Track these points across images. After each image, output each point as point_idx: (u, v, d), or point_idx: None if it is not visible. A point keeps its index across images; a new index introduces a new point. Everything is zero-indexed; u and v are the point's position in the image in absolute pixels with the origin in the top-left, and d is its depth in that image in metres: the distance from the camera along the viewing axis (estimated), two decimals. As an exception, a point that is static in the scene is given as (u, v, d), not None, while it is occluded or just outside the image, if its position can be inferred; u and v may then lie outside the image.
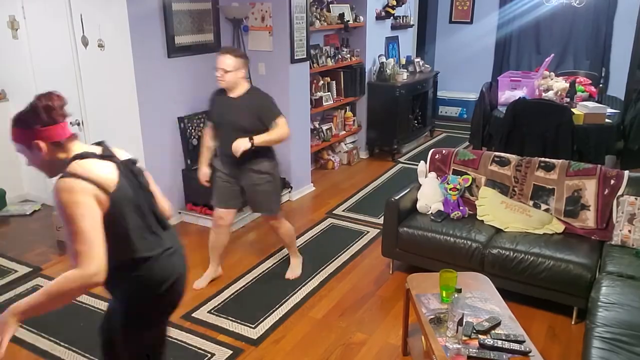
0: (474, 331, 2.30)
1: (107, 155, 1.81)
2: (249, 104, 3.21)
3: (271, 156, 3.40)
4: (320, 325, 3.20)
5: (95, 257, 1.62)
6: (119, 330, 1.94)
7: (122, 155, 1.91)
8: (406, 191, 3.79)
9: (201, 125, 4.63)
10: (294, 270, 3.75)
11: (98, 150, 1.84)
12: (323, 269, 3.83)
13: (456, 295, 2.33)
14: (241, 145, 3.13)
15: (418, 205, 3.78)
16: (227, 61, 3.12)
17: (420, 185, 3.88)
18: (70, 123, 4.39)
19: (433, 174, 3.90)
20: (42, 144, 1.73)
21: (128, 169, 1.85)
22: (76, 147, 1.80)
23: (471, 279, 2.76)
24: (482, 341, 2.24)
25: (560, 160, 3.61)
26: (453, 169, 3.87)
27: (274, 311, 3.32)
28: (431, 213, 3.68)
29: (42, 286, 3.56)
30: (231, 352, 2.93)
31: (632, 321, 2.45)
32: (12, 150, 1.91)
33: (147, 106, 4.14)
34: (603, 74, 7.04)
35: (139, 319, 1.93)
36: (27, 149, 1.75)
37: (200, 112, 4.62)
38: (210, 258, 3.64)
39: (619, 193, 3.34)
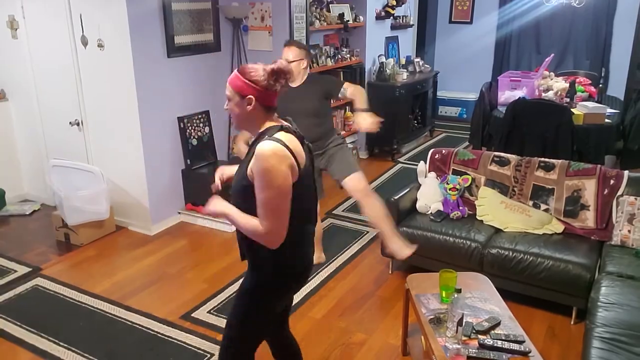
0: (474, 331, 2.30)
1: (298, 134, 1.92)
2: (313, 88, 3.42)
3: (337, 134, 3.64)
4: (320, 325, 3.20)
5: (280, 230, 1.77)
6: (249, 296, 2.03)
7: None
8: (406, 191, 3.79)
9: (201, 125, 4.63)
10: (402, 246, 3.33)
11: (286, 124, 1.95)
12: (323, 269, 3.83)
13: (456, 295, 2.33)
14: (369, 123, 3.38)
15: (418, 205, 3.78)
16: (292, 52, 3.34)
17: (420, 185, 3.88)
18: (70, 123, 4.41)
19: (433, 174, 3.90)
20: (253, 101, 1.84)
21: (309, 150, 1.98)
22: (272, 120, 1.91)
23: (471, 279, 2.76)
24: (481, 341, 2.23)
25: (560, 160, 3.61)
26: (453, 169, 3.87)
27: (273, 311, 3.32)
28: (431, 213, 3.68)
29: (42, 286, 3.59)
30: (231, 352, 2.93)
31: (632, 321, 2.45)
32: (12, 150, 1.92)
33: (147, 106, 4.14)
34: (603, 74, 7.04)
35: (271, 294, 2.01)
36: (239, 97, 1.85)
37: (200, 111, 4.62)
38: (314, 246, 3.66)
39: (619, 193, 3.34)
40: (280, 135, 1.82)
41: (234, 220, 1.86)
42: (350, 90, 3.50)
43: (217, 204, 1.94)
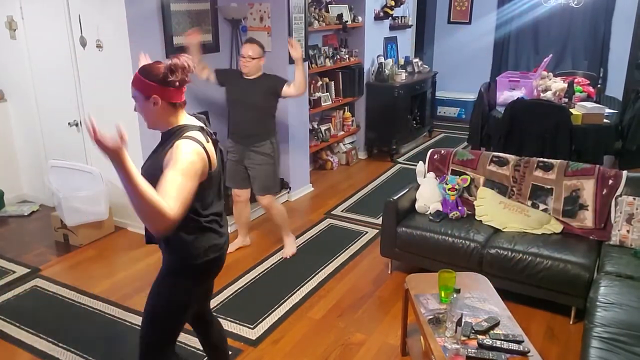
0: (473, 331, 2.30)
1: (210, 134, 1.98)
2: (265, 83, 3.67)
3: (273, 139, 3.77)
4: (319, 325, 3.20)
5: (180, 208, 1.68)
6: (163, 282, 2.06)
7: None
8: (405, 191, 3.79)
9: (200, 125, 4.62)
10: (290, 248, 4.04)
11: (201, 124, 2.00)
12: (322, 269, 3.83)
13: (455, 295, 2.33)
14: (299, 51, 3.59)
15: (417, 206, 3.78)
16: (253, 50, 3.60)
17: (419, 185, 3.88)
18: (69, 123, 4.41)
19: (432, 174, 3.90)
20: (159, 100, 1.86)
21: (220, 151, 2.05)
22: (184, 116, 1.96)
23: (470, 279, 2.76)
24: (480, 341, 2.24)
25: (558, 161, 3.61)
26: (452, 169, 3.88)
27: (272, 311, 3.32)
28: (430, 213, 3.69)
29: (40, 287, 3.59)
30: (230, 352, 2.92)
31: (631, 321, 2.45)
32: (11, 151, 1.93)
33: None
34: (601, 74, 7.05)
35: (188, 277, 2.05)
36: (143, 98, 1.87)
37: (199, 112, 4.61)
38: (238, 230, 4.15)
39: (617, 193, 3.34)
40: (199, 136, 1.88)
41: (135, 183, 1.56)
42: (293, 83, 3.69)
43: (117, 145, 1.52)
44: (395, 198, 3.66)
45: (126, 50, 3.93)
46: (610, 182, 3.39)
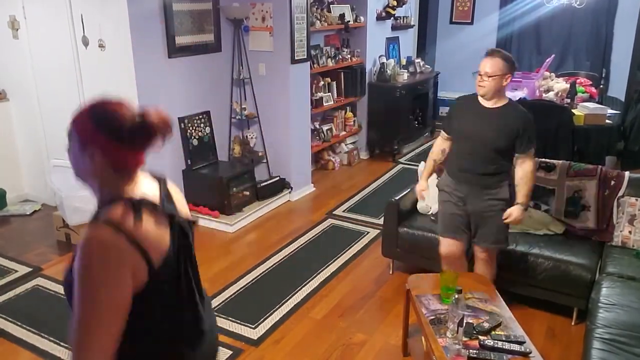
0: (474, 332, 2.30)
1: (167, 212, 1.34)
2: (510, 121, 2.74)
3: (509, 180, 2.85)
4: (321, 325, 3.20)
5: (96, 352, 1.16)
6: None
7: (183, 207, 1.47)
8: (406, 192, 3.78)
9: (202, 125, 4.63)
10: None
11: (156, 194, 1.36)
12: (323, 269, 3.83)
13: (456, 296, 2.33)
14: (518, 215, 2.75)
15: (418, 206, 3.78)
16: (492, 64, 2.71)
17: (421, 185, 3.87)
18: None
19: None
20: (99, 157, 1.27)
21: (186, 235, 1.40)
22: (131, 184, 1.32)
23: (471, 280, 2.76)
24: (482, 342, 2.24)
25: (560, 161, 3.60)
26: (453, 170, 3.87)
27: (274, 311, 3.32)
28: (431, 213, 3.68)
29: (42, 286, 3.59)
30: (231, 352, 2.93)
31: (633, 322, 2.44)
32: (13, 150, 1.85)
33: (148, 106, 4.13)
34: (603, 75, 7.03)
35: None
36: (78, 145, 1.29)
37: (200, 112, 4.62)
38: None
39: (620, 194, 3.34)
40: (119, 216, 1.21)
41: None
42: (527, 161, 2.80)
43: None
44: (397, 198, 3.65)
45: (128, 50, 3.93)
46: (613, 183, 3.38)
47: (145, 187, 1.35)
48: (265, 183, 4.91)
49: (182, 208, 1.45)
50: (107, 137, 1.26)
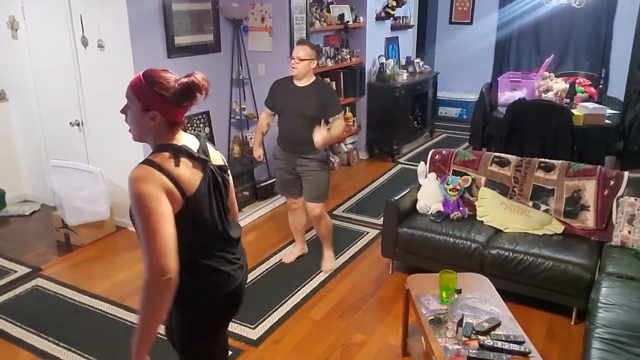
0: (474, 332, 2.30)
1: (199, 157, 1.69)
2: (316, 93, 3.46)
3: (327, 146, 3.61)
4: (320, 325, 3.20)
5: (163, 257, 1.53)
6: (179, 343, 1.93)
7: (217, 158, 1.83)
8: (406, 192, 3.79)
9: (201, 125, 4.63)
10: (330, 263, 3.86)
11: (195, 146, 1.72)
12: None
13: (456, 296, 2.33)
14: (322, 138, 3.33)
15: (418, 206, 3.78)
16: (303, 51, 3.39)
17: (420, 185, 3.87)
18: (70, 123, 4.41)
19: (433, 175, 3.90)
20: (158, 116, 1.62)
21: (216, 176, 1.75)
22: (178, 135, 1.70)
23: (471, 280, 2.76)
24: (481, 342, 2.24)
25: (560, 161, 3.60)
26: (453, 170, 3.87)
27: (273, 312, 3.32)
28: (431, 213, 3.68)
29: (41, 287, 3.59)
30: (231, 352, 2.92)
31: (632, 322, 2.45)
32: (12, 151, 1.89)
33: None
34: (603, 75, 7.04)
35: (198, 327, 1.86)
36: (140, 108, 1.62)
37: (200, 112, 4.62)
38: (295, 238, 3.99)
39: (619, 194, 3.34)
40: (163, 159, 1.60)
41: (143, 320, 1.75)
42: (338, 121, 3.55)
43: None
44: (396, 198, 3.65)
45: (128, 50, 3.93)
46: (612, 183, 3.39)
47: (186, 139, 1.72)
48: (265, 183, 4.91)
49: (216, 158, 1.82)
50: (165, 100, 1.61)
